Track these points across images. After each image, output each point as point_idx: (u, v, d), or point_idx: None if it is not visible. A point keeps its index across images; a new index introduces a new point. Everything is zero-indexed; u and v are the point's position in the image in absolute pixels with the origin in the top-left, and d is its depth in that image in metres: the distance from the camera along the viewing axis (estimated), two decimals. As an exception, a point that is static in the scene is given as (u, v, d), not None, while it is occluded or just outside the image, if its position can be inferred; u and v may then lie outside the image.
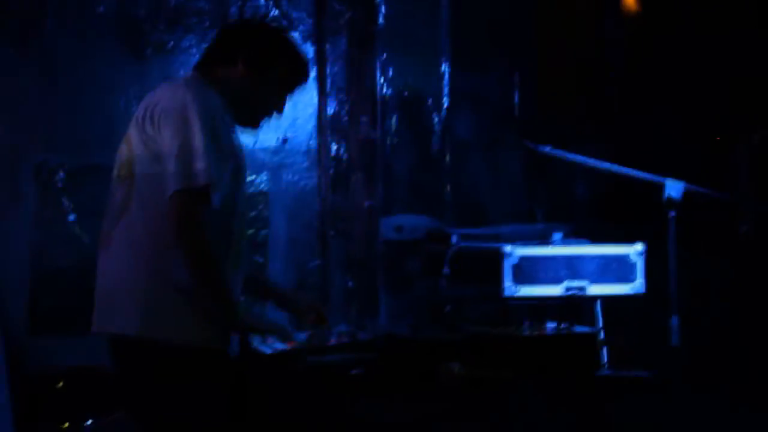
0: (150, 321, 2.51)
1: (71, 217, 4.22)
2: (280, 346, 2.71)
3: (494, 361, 2.44)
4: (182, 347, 2.51)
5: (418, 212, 4.70)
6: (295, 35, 4.63)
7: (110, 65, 4.31)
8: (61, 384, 4.00)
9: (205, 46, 2.88)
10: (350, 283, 4.64)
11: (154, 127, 2.54)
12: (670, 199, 3.30)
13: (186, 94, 2.54)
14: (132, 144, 2.60)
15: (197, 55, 2.89)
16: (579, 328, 2.62)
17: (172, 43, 4.42)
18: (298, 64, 2.81)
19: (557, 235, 3.58)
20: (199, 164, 2.47)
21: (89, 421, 3.82)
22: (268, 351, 2.72)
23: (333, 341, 2.73)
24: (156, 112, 2.55)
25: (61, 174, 4.23)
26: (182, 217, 2.46)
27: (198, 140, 2.48)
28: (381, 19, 4.73)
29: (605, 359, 2.96)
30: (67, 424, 3.91)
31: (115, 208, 2.62)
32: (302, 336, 2.77)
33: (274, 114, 2.80)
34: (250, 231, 4.50)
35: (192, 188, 2.47)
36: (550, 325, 2.59)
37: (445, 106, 4.83)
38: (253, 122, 2.79)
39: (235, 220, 2.63)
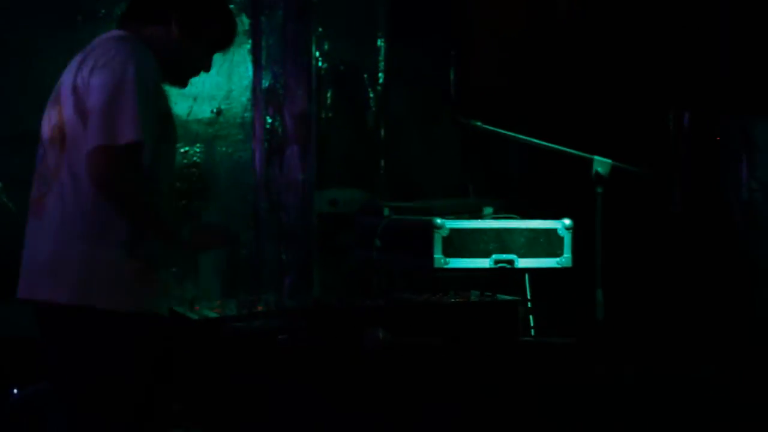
0: (84, 288, 2.47)
1: (-2, 185, 4.16)
2: (207, 312, 2.72)
3: (418, 328, 2.47)
4: (116, 313, 2.49)
5: (352, 186, 4.72)
6: (231, 8, 4.60)
7: (40, 33, 4.24)
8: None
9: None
10: (284, 256, 4.65)
11: (85, 85, 2.47)
12: (597, 175, 3.36)
13: (119, 52, 2.49)
14: (63, 106, 2.53)
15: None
16: (502, 297, 2.67)
17: (104, 10, 4.37)
18: (230, 25, 2.78)
19: (488, 209, 3.63)
20: (128, 123, 2.40)
21: (14, 391, 3.78)
22: (195, 317, 2.72)
23: (261, 308, 2.74)
24: (85, 69, 2.48)
25: (-13, 142, 4.17)
26: (105, 174, 2.40)
27: (130, 98, 2.42)
28: (318, -7, 4.73)
29: (532, 327, 3.02)
30: (-8, 394, 3.86)
31: (46, 174, 2.56)
32: (230, 303, 2.77)
33: (201, 72, 2.77)
34: (183, 202, 4.48)
35: (114, 146, 2.40)
36: (475, 294, 2.63)
37: (381, 80, 4.84)
38: (181, 82, 2.76)
39: (163, 185, 2.59)
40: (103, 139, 2.40)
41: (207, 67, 2.77)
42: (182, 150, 4.51)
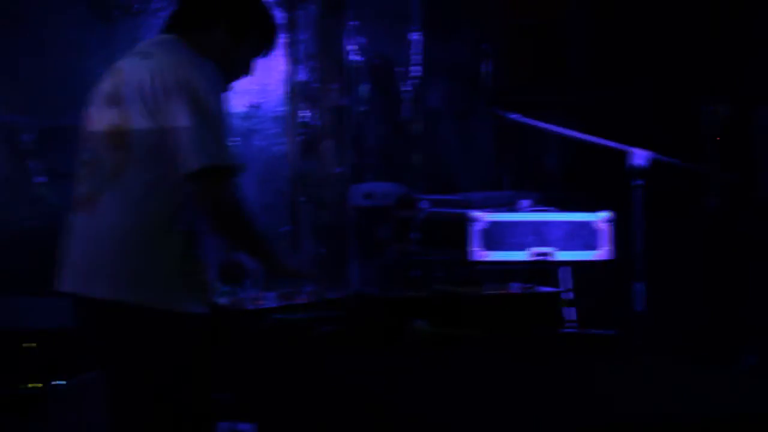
0: (139, 287, 2.51)
1: (37, 179, 4.20)
2: (248, 304, 2.73)
3: (459, 319, 2.46)
4: (168, 312, 2.53)
5: (388, 179, 4.72)
6: (267, 2, 4.61)
7: (77, 27, 4.27)
8: (32, 344, 3.99)
9: (172, 8, 2.85)
10: (321, 249, 4.66)
11: (165, 98, 2.50)
12: (635, 168, 3.34)
13: (194, 69, 2.54)
14: (130, 112, 2.53)
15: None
16: (541, 288, 2.65)
17: (139, 5, 4.39)
18: (272, 29, 2.81)
19: (525, 202, 3.61)
20: (225, 144, 2.50)
21: (56, 382, 3.82)
22: (237, 309, 2.73)
23: (302, 300, 2.74)
24: (166, 84, 2.51)
25: (28, 135, 4.20)
26: (220, 198, 2.51)
27: (218, 119, 2.50)
28: (352, -14, 4.73)
29: (574, 319, 3.01)
30: (33, 385, 3.91)
31: (101, 172, 2.57)
32: (271, 295, 2.78)
33: (243, 76, 2.80)
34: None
35: (220, 167, 2.49)
36: (514, 286, 2.62)
37: (416, 74, 4.83)
38: (224, 87, 2.78)
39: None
40: (212, 160, 2.48)
41: (249, 72, 2.79)
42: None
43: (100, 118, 2.61)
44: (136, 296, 2.51)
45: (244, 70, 2.77)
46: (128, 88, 2.56)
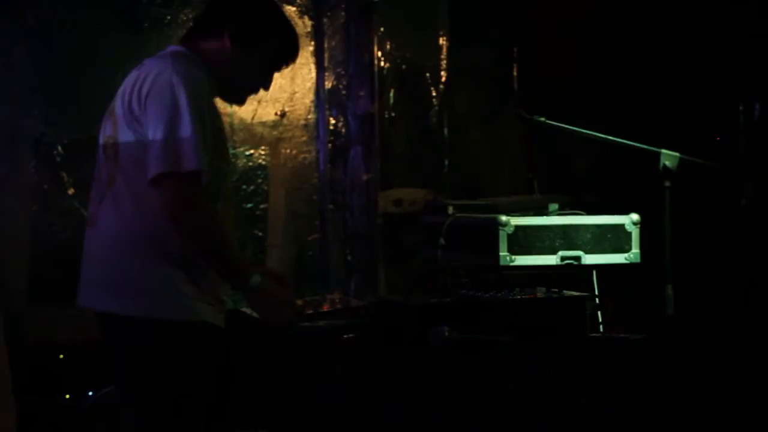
0: (140, 300, 2.49)
1: (70, 191, 4.24)
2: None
3: (484, 324, 2.45)
4: (173, 323, 2.50)
5: (416, 185, 4.71)
6: (293, 9, 4.64)
7: (108, 39, 4.31)
8: (61, 356, 4.03)
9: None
10: (349, 257, 4.66)
11: (141, 107, 2.48)
12: (665, 169, 3.30)
13: (173, 74, 2.47)
14: (117, 122, 2.55)
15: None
16: (569, 293, 2.63)
17: (169, 17, 4.42)
18: (289, 39, 2.71)
19: (553, 206, 3.59)
20: (189, 149, 2.41)
21: (90, 393, 3.85)
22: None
23: (326, 307, 2.74)
24: (143, 92, 2.49)
25: (60, 148, 4.24)
26: (174, 203, 2.42)
27: (186, 124, 2.42)
28: (379, -7, 4.73)
29: (600, 323, 2.98)
30: (68, 396, 3.94)
31: (100, 186, 2.59)
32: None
33: (260, 91, 2.74)
34: (249, 205, 4.51)
35: (179, 173, 2.42)
36: (541, 290, 2.60)
37: (443, 79, 4.82)
38: (238, 99, 2.74)
39: (218, 205, 2.58)
40: (168, 166, 2.42)
41: (266, 86, 2.71)
42: (247, 153, 4.55)
43: (103, 130, 2.64)
44: (133, 308, 2.49)
45: (259, 83, 2.70)
46: (117, 99, 2.58)
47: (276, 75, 2.76)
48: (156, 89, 2.47)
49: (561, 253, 3.31)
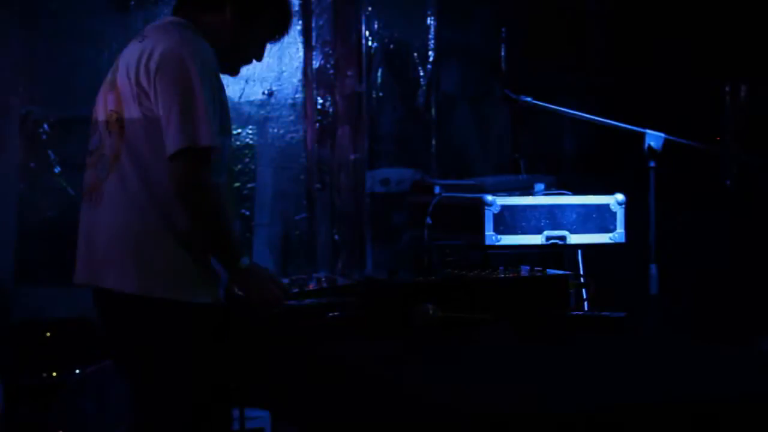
0: (147, 278, 2.50)
1: (56, 169, 4.24)
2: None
3: (468, 302, 2.47)
4: (177, 303, 2.51)
5: (403, 165, 4.73)
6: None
7: (93, 17, 4.29)
8: (48, 334, 4.04)
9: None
10: (336, 236, 4.67)
11: (150, 81, 2.46)
12: (650, 149, 3.32)
13: (183, 46, 2.47)
14: (122, 97, 2.52)
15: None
16: (552, 271, 2.65)
17: (155, -6, 4.41)
18: (285, 12, 2.74)
19: (539, 186, 3.61)
20: (203, 124, 2.42)
21: (77, 371, 3.86)
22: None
23: (312, 286, 2.76)
24: (151, 65, 2.47)
25: (46, 126, 4.24)
26: (187, 179, 2.43)
27: (200, 99, 2.42)
28: (367, -28, 4.72)
29: (584, 301, 3.01)
30: (54, 374, 3.95)
31: (103, 160, 2.55)
32: (283, 281, 2.79)
33: (253, 61, 2.76)
34: (237, 184, 4.52)
35: (196, 148, 2.42)
36: (525, 269, 2.62)
37: (431, 59, 4.82)
38: (232, 70, 2.74)
39: (222, 177, 2.59)
40: (187, 142, 2.42)
41: (259, 57, 2.73)
42: (235, 132, 4.55)
43: (102, 106, 2.61)
44: (137, 286, 2.50)
45: (255, 54, 2.72)
46: (121, 72, 2.54)
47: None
48: (166, 63, 2.45)
49: (546, 232, 3.33)
